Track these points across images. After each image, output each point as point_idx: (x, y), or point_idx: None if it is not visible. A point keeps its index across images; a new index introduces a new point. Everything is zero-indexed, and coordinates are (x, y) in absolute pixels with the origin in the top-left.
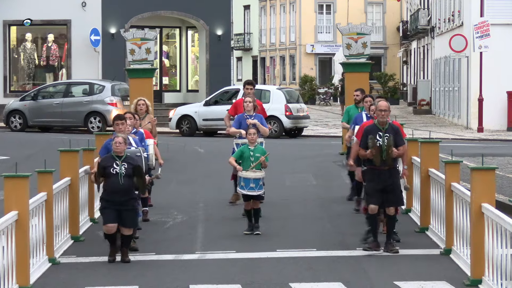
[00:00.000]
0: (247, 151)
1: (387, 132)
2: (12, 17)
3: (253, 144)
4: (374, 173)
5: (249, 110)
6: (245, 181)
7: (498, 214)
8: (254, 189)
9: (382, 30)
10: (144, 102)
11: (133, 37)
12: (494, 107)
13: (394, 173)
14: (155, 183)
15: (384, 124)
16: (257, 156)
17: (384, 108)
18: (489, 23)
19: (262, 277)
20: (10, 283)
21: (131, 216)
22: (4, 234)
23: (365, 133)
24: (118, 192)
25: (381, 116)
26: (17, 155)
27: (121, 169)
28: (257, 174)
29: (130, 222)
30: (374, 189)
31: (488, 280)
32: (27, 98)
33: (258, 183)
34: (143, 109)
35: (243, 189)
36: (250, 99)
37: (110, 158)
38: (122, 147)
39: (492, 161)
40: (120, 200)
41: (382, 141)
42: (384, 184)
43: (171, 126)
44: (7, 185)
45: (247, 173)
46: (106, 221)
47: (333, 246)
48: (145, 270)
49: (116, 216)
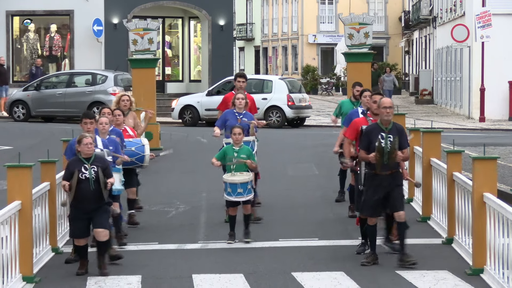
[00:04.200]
0: (230, 152)
1: (391, 133)
2: (15, 8)
3: (238, 145)
4: (374, 179)
5: (241, 107)
6: (231, 186)
7: (499, 203)
8: (242, 194)
9: (384, 20)
10: (128, 98)
11: (136, 27)
12: (496, 97)
13: (396, 178)
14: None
15: (387, 123)
16: (242, 158)
17: (388, 104)
18: (490, 13)
19: (264, 266)
20: (14, 273)
21: (103, 217)
22: (8, 224)
23: (365, 134)
24: (89, 198)
25: (386, 114)
26: (20, 145)
27: (90, 173)
28: (244, 177)
29: (101, 223)
30: (373, 198)
31: (489, 269)
32: (30, 88)
33: (246, 187)
34: (127, 105)
35: (230, 196)
36: (242, 95)
37: (78, 161)
38: (93, 149)
39: (493, 151)
40: (91, 207)
41: (385, 143)
42: (385, 191)
43: (174, 116)
44: (10, 175)
45: (233, 177)
46: (74, 234)
47: (335, 235)
48: (148, 259)
49: (86, 227)
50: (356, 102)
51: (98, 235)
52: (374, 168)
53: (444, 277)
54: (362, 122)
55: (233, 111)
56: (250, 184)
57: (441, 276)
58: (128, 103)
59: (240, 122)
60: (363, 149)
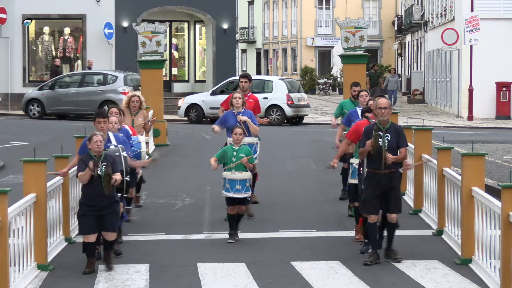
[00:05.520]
0: (230, 151)
1: (388, 132)
2: (31, 12)
3: (238, 145)
4: (373, 177)
5: (238, 106)
6: (230, 182)
7: (487, 197)
8: (240, 191)
9: (378, 24)
10: (138, 98)
11: (144, 30)
12: (484, 97)
13: (394, 177)
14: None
15: (385, 123)
16: (241, 157)
17: (384, 105)
18: (479, 18)
19: (265, 255)
20: (29, 261)
21: (114, 219)
22: (23, 215)
23: (364, 133)
24: (100, 196)
25: (381, 114)
26: (35, 141)
27: (102, 170)
28: (243, 174)
29: (112, 226)
30: (372, 196)
31: (477, 259)
32: (44, 88)
33: (245, 185)
34: (137, 105)
35: (228, 192)
36: (239, 95)
37: (89, 158)
38: (102, 147)
39: (481, 148)
40: (102, 204)
41: (382, 142)
42: (383, 189)
43: (180, 114)
44: (26, 169)
45: (232, 174)
46: (85, 231)
47: (331, 227)
48: (156, 249)
49: (96, 224)
50: (356, 102)
51: (107, 236)
52: (373, 167)
53: (434, 266)
54: (365, 125)
55: (232, 112)
56: (248, 182)
57: (431, 265)
58: (138, 103)
59: (239, 119)
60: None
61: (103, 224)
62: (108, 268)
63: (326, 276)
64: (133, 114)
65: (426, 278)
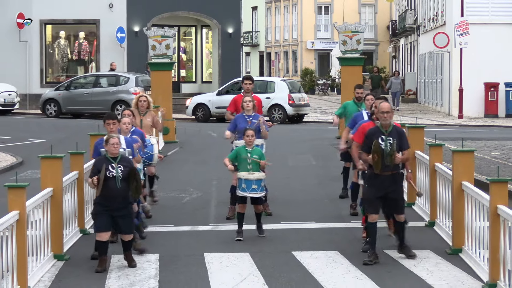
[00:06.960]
0: (243, 152)
1: (390, 135)
2: (48, 17)
3: (251, 146)
4: (375, 178)
5: (249, 110)
6: (246, 182)
7: (476, 191)
8: (256, 191)
9: (374, 28)
10: (146, 98)
11: (154, 34)
12: (473, 97)
13: (396, 179)
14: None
15: (387, 126)
16: (255, 158)
17: (386, 109)
18: (468, 22)
19: (268, 246)
20: (46, 251)
21: (128, 222)
22: (41, 208)
23: (367, 137)
24: (115, 197)
25: (383, 118)
26: (52, 139)
27: (117, 172)
28: (260, 174)
29: (128, 228)
30: (374, 196)
31: (467, 249)
32: (61, 88)
33: (260, 184)
34: (145, 106)
35: (244, 191)
36: (250, 98)
37: (105, 160)
38: (119, 149)
39: (471, 144)
40: (117, 206)
41: (385, 145)
42: (385, 191)
43: (188, 113)
44: (43, 165)
45: (249, 174)
46: (99, 228)
47: (330, 218)
48: (165, 239)
49: (110, 223)
50: (359, 103)
51: (124, 238)
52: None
53: (426, 256)
54: (370, 127)
55: (242, 115)
56: (264, 182)
57: (424, 255)
58: (146, 104)
59: (250, 124)
60: (365, 151)
61: (119, 227)
62: (131, 265)
63: (325, 265)
64: (141, 114)
65: (419, 267)
